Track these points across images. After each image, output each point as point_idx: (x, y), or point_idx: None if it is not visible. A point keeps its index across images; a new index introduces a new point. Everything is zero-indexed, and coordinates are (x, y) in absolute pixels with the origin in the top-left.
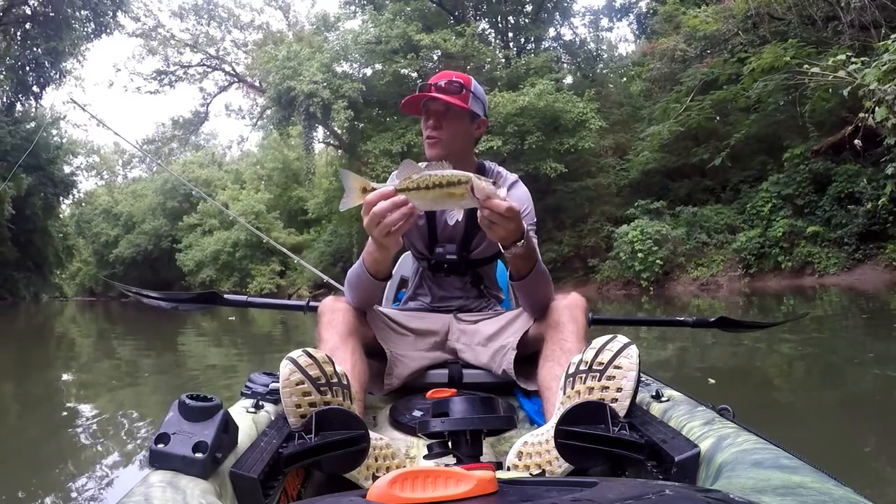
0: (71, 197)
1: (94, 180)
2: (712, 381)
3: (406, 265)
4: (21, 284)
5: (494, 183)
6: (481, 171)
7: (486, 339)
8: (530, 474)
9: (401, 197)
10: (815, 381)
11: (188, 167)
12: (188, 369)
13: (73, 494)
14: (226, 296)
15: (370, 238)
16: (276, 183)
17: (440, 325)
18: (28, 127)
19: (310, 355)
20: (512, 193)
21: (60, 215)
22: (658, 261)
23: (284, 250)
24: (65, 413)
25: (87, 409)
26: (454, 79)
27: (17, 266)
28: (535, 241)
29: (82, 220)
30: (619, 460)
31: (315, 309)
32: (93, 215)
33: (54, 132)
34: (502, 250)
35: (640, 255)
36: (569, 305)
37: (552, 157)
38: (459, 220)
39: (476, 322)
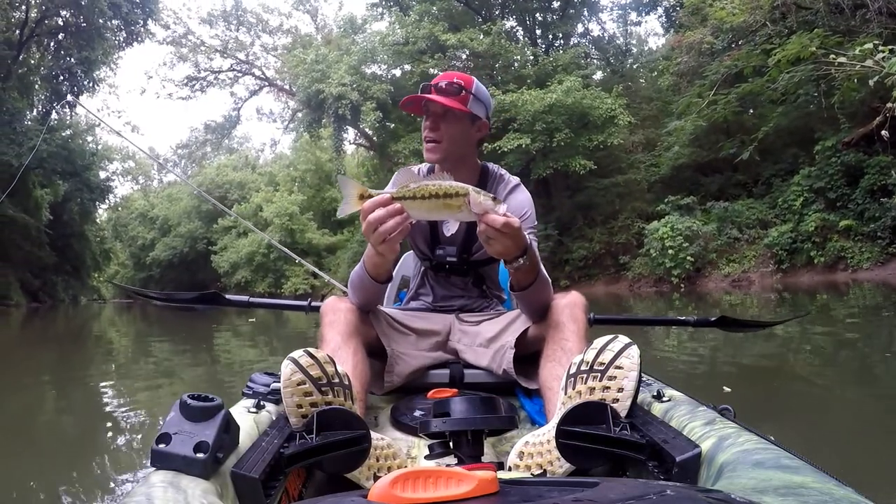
0: (107, 202)
1: (130, 185)
2: (727, 388)
3: (408, 264)
4: (60, 287)
5: (495, 199)
6: (484, 173)
7: (488, 341)
8: (531, 474)
9: (396, 205)
10: (842, 391)
11: (222, 170)
12: (223, 368)
13: (97, 488)
14: (227, 296)
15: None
16: (309, 184)
17: (442, 326)
18: (63, 135)
19: (311, 355)
20: (512, 198)
21: (97, 220)
22: (689, 257)
23: (286, 251)
24: (97, 410)
25: (121, 407)
26: (455, 80)
27: (56, 270)
28: (536, 245)
29: (119, 224)
30: (621, 460)
31: (316, 309)
32: (129, 219)
33: (89, 139)
34: (504, 265)
35: (670, 251)
36: (569, 305)
37: (581, 154)
38: (454, 231)
39: (478, 323)
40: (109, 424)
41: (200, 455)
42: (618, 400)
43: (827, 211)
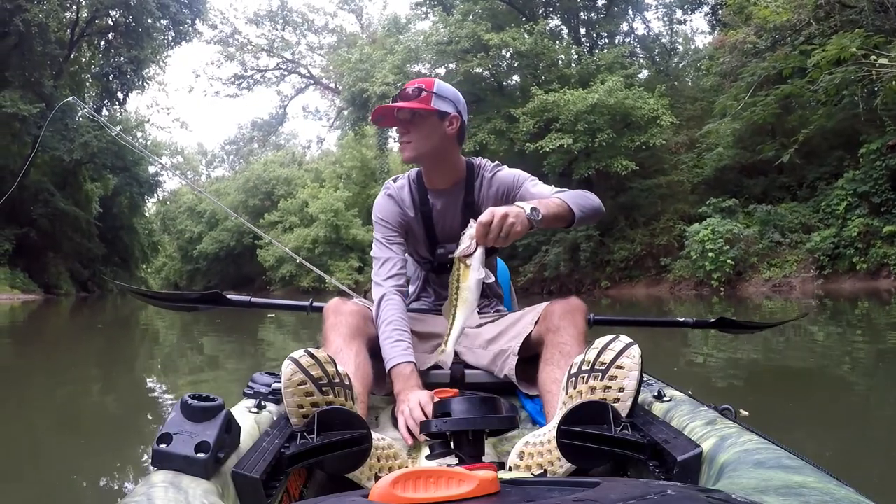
0: (156, 196)
1: (179, 179)
2: (745, 412)
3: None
4: (108, 278)
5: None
6: (470, 168)
7: (487, 342)
8: (532, 474)
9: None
10: (877, 403)
11: (269, 166)
12: (268, 361)
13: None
14: (229, 296)
15: (399, 392)
16: (354, 181)
17: (443, 328)
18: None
19: (312, 355)
20: (496, 178)
21: (146, 213)
22: (729, 261)
23: (279, 245)
24: (140, 400)
25: (162, 397)
26: (416, 85)
27: (105, 261)
28: (538, 186)
29: (167, 218)
30: (622, 460)
31: (318, 310)
32: (177, 213)
33: (139, 134)
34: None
35: (710, 254)
36: (569, 310)
37: (623, 155)
38: (481, 277)
39: (478, 326)
40: (149, 415)
41: (201, 455)
42: (619, 400)
43: (871, 216)
